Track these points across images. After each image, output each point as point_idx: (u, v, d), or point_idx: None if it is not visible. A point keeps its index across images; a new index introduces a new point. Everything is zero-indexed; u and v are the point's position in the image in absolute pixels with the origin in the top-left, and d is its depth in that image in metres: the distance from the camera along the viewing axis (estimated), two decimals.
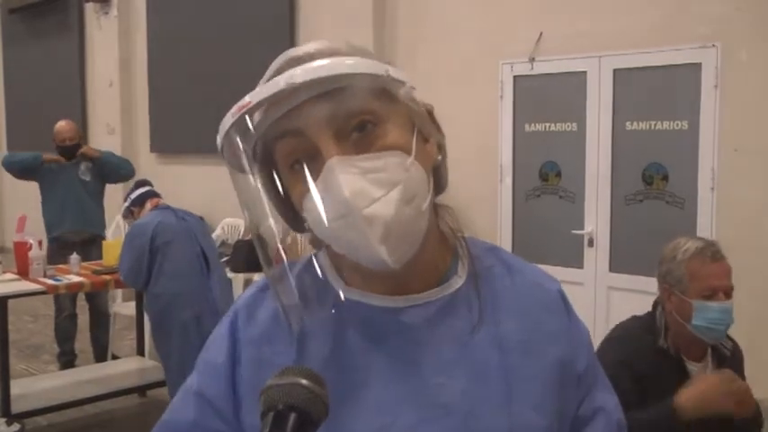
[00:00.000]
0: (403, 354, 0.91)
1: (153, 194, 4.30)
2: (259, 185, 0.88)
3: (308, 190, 0.85)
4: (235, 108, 0.85)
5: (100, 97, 9.15)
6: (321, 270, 0.95)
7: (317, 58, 0.86)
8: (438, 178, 0.94)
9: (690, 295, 2.19)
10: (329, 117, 0.84)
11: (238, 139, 0.87)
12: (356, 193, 0.81)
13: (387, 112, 0.87)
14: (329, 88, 0.84)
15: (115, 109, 8.83)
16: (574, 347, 0.98)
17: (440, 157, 0.94)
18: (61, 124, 5.51)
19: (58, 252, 5.15)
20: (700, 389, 2.10)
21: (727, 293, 2.22)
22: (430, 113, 0.94)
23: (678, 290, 2.22)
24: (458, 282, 0.95)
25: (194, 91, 7.77)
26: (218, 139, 0.89)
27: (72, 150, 5.43)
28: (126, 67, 8.82)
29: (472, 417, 0.89)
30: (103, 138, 8.61)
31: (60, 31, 9.78)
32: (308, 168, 0.85)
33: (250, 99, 0.84)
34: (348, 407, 0.88)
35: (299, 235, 0.95)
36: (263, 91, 0.84)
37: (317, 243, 0.96)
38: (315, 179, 0.84)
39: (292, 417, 0.68)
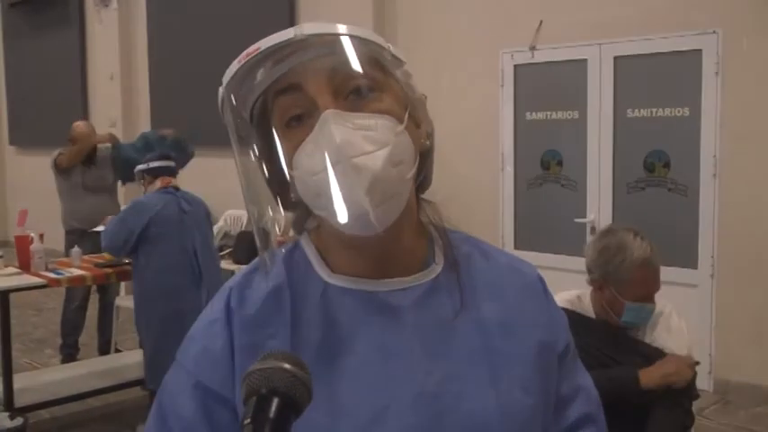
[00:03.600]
0: (393, 336, 0.91)
1: (169, 172, 4.19)
2: (253, 145, 0.91)
3: (300, 142, 0.86)
4: (242, 54, 0.87)
5: (101, 90, 9.15)
6: (307, 255, 0.97)
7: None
8: (424, 169, 0.96)
9: (625, 297, 2.26)
10: (330, 75, 0.87)
11: (233, 96, 0.90)
12: (347, 142, 0.82)
13: (384, 83, 0.90)
14: (334, 49, 0.87)
15: (116, 102, 8.83)
16: (553, 330, 1.00)
17: (428, 143, 0.95)
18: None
19: (77, 243, 5.08)
20: (663, 370, 2.23)
21: (654, 296, 2.33)
22: (422, 103, 0.96)
23: (615, 288, 2.27)
24: (437, 269, 0.97)
25: (196, 83, 7.74)
26: (221, 90, 0.90)
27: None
28: (127, 60, 8.82)
29: (462, 398, 0.90)
30: (105, 131, 8.58)
31: (61, 25, 9.78)
32: (304, 124, 0.87)
33: (258, 46, 0.86)
34: (345, 390, 0.88)
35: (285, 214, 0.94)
36: (272, 38, 0.86)
37: (299, 226, 0.98)
38: (309, 133, 0.85)
39: (275, 401, 0.68)
